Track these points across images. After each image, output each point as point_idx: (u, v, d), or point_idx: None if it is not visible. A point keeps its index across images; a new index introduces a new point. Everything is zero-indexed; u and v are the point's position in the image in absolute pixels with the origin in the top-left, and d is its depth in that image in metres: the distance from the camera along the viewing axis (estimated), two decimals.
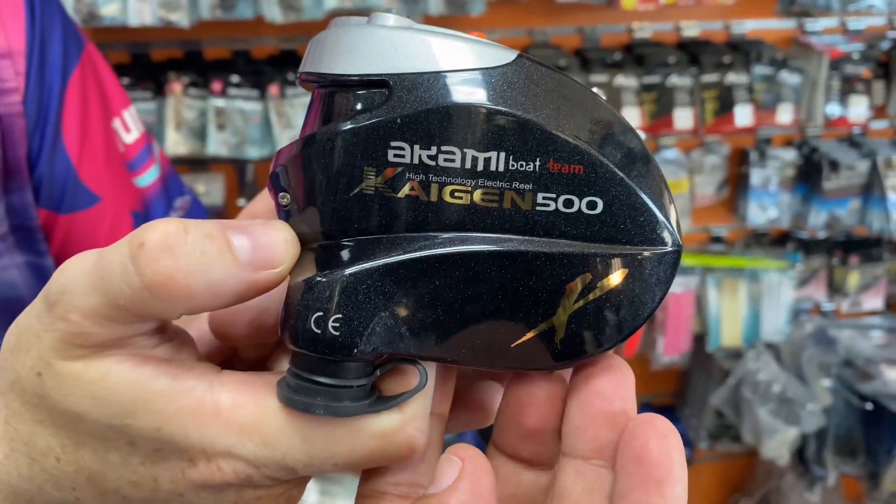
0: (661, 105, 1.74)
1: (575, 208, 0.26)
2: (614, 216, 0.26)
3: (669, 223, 0.27)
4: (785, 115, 1.80)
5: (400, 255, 0.26)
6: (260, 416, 0.27)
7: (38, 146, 0.57)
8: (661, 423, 0.25)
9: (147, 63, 1.63)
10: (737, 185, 1.93)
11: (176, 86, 1.56)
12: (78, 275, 0.25)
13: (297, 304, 0.27)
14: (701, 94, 1.75)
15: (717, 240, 1.95)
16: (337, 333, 0.26)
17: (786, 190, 1.89)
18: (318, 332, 0.26)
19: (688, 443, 2.06)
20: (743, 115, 1.77)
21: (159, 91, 1.57)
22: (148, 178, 0.67)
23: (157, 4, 1.44)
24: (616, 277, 0.26)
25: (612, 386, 0.27)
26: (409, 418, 0.27)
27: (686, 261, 1.86)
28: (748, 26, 1.84)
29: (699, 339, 1.95)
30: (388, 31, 0.26)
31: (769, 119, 1.80)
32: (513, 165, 0.26)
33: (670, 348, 1.92)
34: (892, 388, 1.80)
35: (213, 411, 0.26)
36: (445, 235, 0.26)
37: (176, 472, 0.27)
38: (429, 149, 0.26)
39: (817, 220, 1.88)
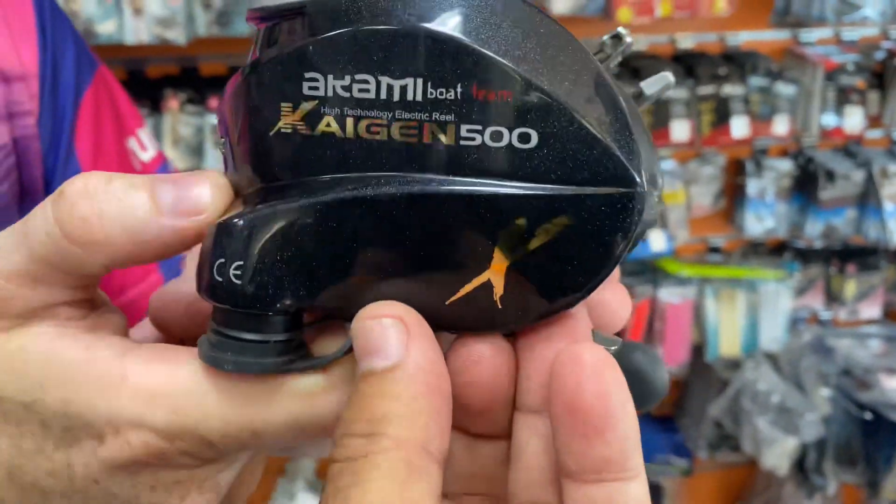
0: (657, 117, 1.74)
1: (504, 142, 0.22)
2: (553, 150, 0.22)
3: (624, 159, 0.22)
4: (781, 126, 1.81)
5: (309, 197, 0.23)
6: (170, 381, 0.25)
7: (52, 165, 0.57)
8: (591, 355, 0.21)
9: (143, 80, 1.62)
10: (733, 195, 1.94)
11: (172, 102, 1.56)
12: (3, 237, 0.25)
13: (204, 251, 0.25)
14: (697, 105, 1.76)
15: (715, 250, 1.95)
16: (238, 282, 0.24)
17: (782, 200, 1.89)
18: (220, 279, 0.24)
19: (687, 453, 2.06)
20: (739, 126, 1.77)
21: (156, 108, 1.57)
22: None
23: (153, 22, 1.44)
24: (558, 224, 0.22)
25: (559, 329, 0.24)
26: (336, 381, 0.25)
27: (683, 271, 1.86)
28: (743, 38, 1.85)
29: (697, 350, 1.95)
30: None
31: (765, 130, 1.80)
32: (431, 94, 0.22)
33: (668, 358, 1.92)
34: (891, 397, 1.81)
35: (121, 379, 0.25)
36: (362, 175, 0.23)
37: (88, 454, 0.25)
38: (342, 78, 0.23)
39: (814, 230, 1.89)
